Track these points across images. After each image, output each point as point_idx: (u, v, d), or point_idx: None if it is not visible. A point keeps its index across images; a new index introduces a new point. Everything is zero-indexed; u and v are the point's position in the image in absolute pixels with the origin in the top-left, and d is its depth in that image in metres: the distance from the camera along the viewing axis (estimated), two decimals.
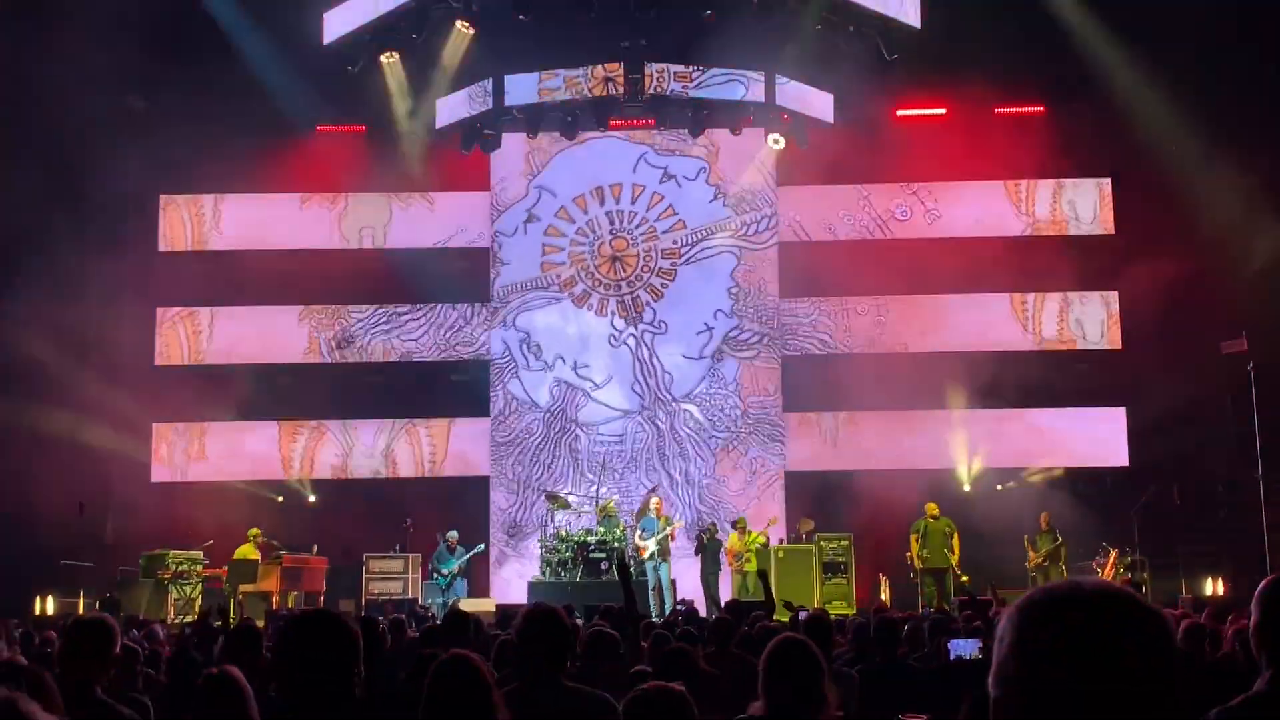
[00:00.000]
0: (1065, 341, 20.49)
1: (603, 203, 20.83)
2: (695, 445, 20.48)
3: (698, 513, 19.91)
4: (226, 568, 17.33)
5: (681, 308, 20.66)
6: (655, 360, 20.63)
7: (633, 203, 20.81)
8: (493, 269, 20.96)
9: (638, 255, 20.74)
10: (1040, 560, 17.49)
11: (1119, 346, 20.23)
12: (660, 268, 20.84)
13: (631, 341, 20.64)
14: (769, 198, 20.85)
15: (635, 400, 20.58)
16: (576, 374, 20.59)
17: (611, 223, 20.80)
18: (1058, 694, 1.55)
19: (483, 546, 19.12)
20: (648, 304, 20.80)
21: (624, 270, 20.81)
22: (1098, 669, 1.55)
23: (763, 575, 11.35)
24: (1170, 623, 1.61)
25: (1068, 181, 20.48)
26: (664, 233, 20.77)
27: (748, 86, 18.43)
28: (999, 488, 19.48)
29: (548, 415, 20.61)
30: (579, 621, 9.86)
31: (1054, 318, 20.49)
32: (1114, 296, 20.33)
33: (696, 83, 18.34)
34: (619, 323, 20.67)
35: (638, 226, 20.79)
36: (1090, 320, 20.49)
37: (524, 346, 20.70)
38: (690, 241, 20.78)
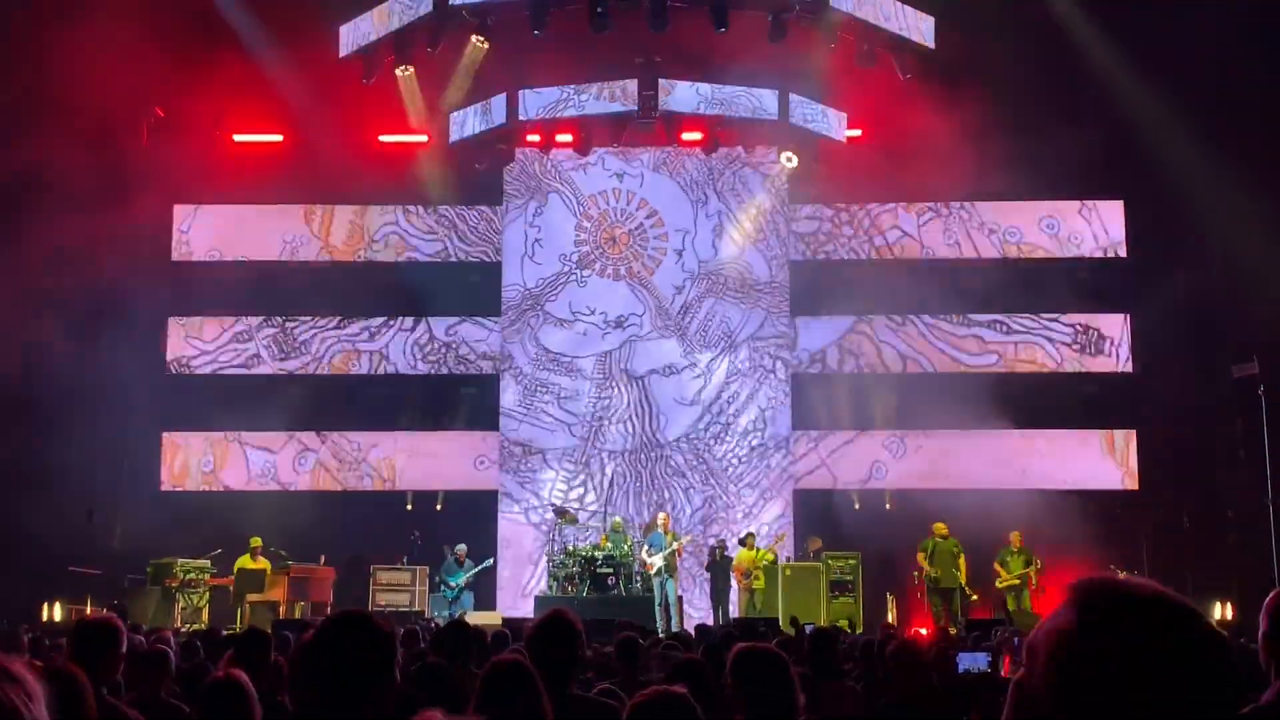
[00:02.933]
0: (1077, 361, 20.49)
1: (611, 224, 20.82)
2: (703, 462, 20.41)
3: (706, 530, 19.89)
4: (233, 576, 17.33)
5: (691, 324, 20.63)
6: (662, 380, 20.62)
7: (646, 219, 20.78)
8: (504, 283, 20.98)
9: (652, 271, 20.70)
10: (1012, 580, 17.44)
11: (1130, 369, 20.23)
12: (674, 283, 20.83)
13: (638, 361, 20.63)
14: (781, 214, 20.86)
15: (642, 420, 20.59)
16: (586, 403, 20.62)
17: (621, 243, 20.76)
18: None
19: (491, 562, 19.08)
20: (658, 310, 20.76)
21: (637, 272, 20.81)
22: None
23: (794, 621, 11.37)
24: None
25: (1082, 203, 20.52)
26: (674, 251, 20.77)
27: (761, 104, 18.46)
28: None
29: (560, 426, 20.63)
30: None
31: (1066, 337, 20.49)
32: (1125, 319, 20.40)
33: (710, 100, 18.38)
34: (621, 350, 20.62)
35: (648, 246, 20.74)
36: (1102, 341, 20.49)
37: (535, 364, 20.70)
38: (702, 268, 20.79)
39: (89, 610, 16.47)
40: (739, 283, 20.74)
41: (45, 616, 16.53)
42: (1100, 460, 20.15)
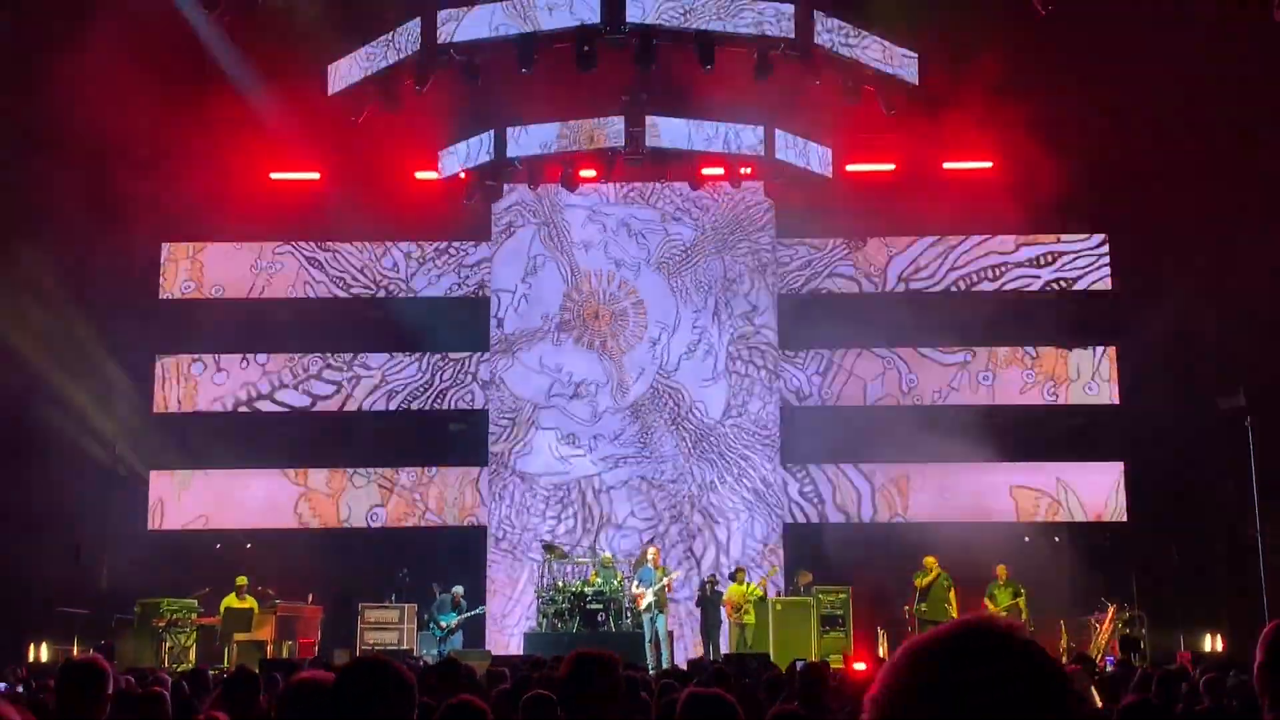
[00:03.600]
0: (1063, 396, 20.54)
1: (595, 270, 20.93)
2: (695, 494, 20.43)
3: (696, 562, 19.90)
4: (220, 616, 17.22)
5: (683, 365, 20.74)
6: (657, 410, 20.67)
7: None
8: (493, 319, 21.05)
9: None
10: (999, 613, 17.15)
11: (1117, 401, 20.28)
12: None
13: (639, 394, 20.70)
14: (769, 247, 20.98)
15: (635, 449, 20.66)
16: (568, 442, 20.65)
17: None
18: None
19: (483, 609, 19.06)
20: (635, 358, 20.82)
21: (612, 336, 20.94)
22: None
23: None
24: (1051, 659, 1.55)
25: (1064, 237, 20.64)
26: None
27: (747, 140, 18.46)
28: (1026, 539, 19.47)
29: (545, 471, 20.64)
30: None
31: (1051, 372, 20.55)
32: (1111, 351, 20.49)
33: (696, 136, 18.37)
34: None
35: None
36: (1088, 375, 20.52)
37: (520, 410, 20.74)
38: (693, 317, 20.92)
39: (76, 651, 16.32)
40: (733, 309, 21.03)
41: (32, 657, 16.36)
42: (1088, 493, 20.16)
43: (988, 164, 19.92)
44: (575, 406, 20.63)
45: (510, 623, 19.96)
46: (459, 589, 18.29)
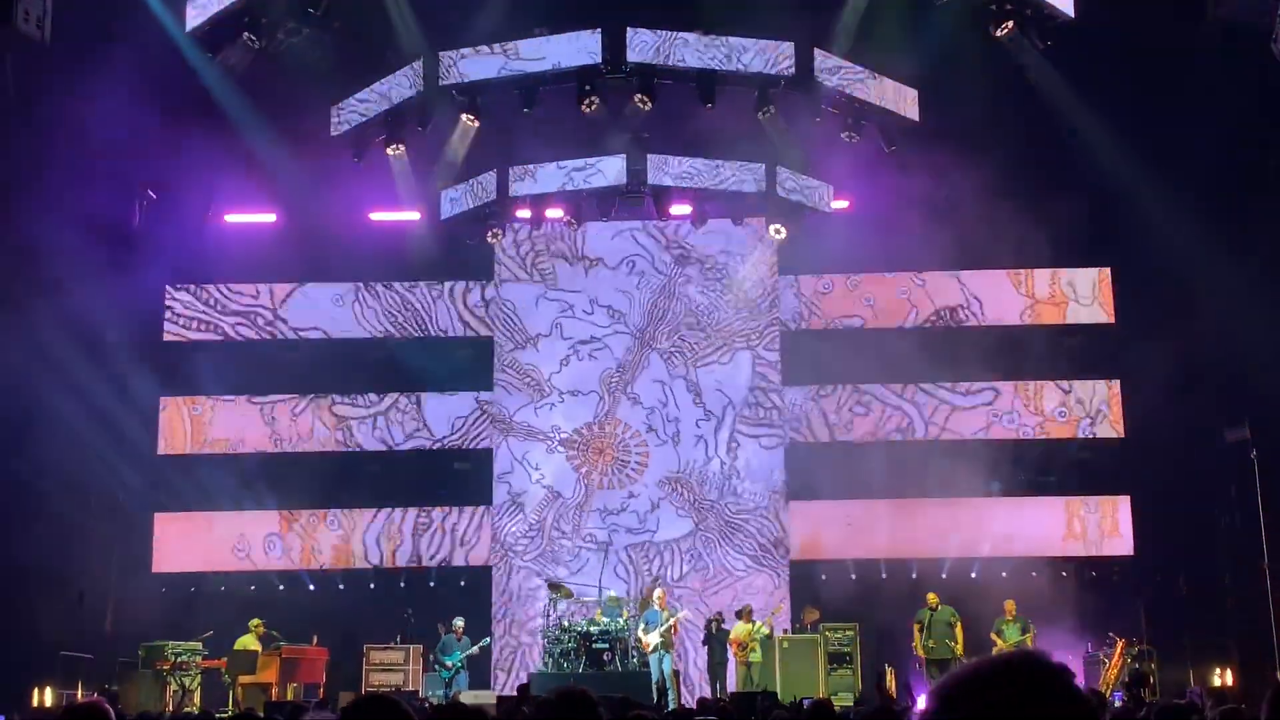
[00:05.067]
0: (1069, 428, 20.46)
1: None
2: (699, 533, 20.42)
3: (702, 601, 19.83)
4: (226, 659, 17.15)
5: (685, 401, 20.75)
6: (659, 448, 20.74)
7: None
8: (496, 357, 21.10)
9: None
10: (1008, 649, 17.21)
11: (1122, 434, 20.22)
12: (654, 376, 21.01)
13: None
14: (770, 286, 21.04)
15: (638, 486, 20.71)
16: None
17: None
18: None
19: (488, 641, 18.96)
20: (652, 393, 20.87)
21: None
22: None
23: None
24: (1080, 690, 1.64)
25: (1066, 271, 20.59)
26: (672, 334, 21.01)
27: (749, 177, 18.45)
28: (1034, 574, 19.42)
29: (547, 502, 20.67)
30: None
31: (1056, 405, 20.47)
32: (1116, 385, 20.41)
33: (698, 174, 18.39)
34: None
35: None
36: (1093, 408, 20.47)
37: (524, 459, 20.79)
38: (702, 347, 21.00)
39: (79, 695, 16.26)
40: (735, 356, 21.05)
41: (36, 701, 16.27)
42: (1095, 527, 20.08)
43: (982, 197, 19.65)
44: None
45: (517, 662, 19.97)
46: (459, 621, 18.23)
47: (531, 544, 20.51)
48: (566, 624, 17.68)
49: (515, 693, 14.92)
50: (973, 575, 19.49)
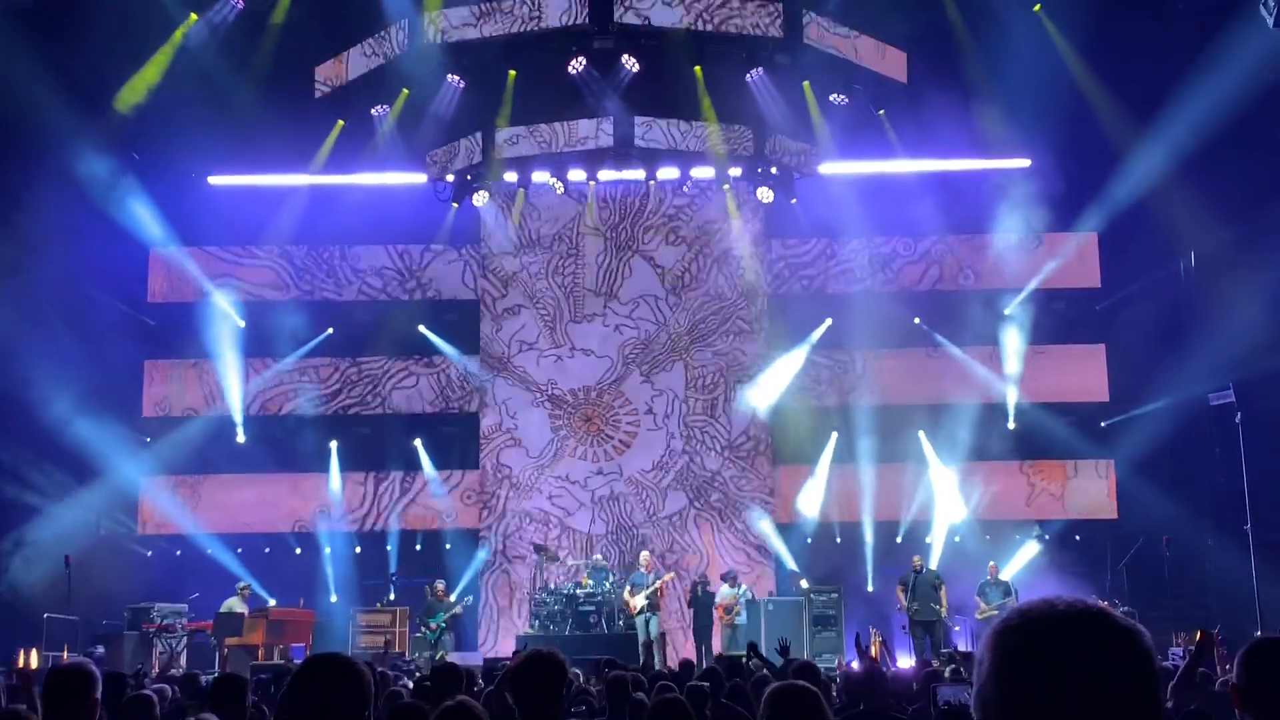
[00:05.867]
0: (1055, 394, 20.33)
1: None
2: (686, 500, 20.43)
3: (688, 567, 19.84)
4: (212, 621, 17.16)
5: (676, 372, 20.70)
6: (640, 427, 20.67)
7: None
8: (483, 322, 20.92)
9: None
10: (992, 611, 17.24)
11: (1106, 399, 20.21)
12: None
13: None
14: (758, 250, 20.93)
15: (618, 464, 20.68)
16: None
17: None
18: (1039, 718, 1.54)
19: (471, 599, 18.89)
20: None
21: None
22: (1079, 692, 1.54)
23: (753, 646, 11.40)
24: (1149, 639, 1.61)
25: (1055, 235, 20.37)
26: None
27: (737, 139, 18.32)
28: (1040, 536, 19.43)
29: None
30: (577, 673, 9.77)
31: (1044, 371, 20.30)
32: (1101, 350, 20.34)
33: (686, 136, 18.23)
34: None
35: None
36: (1077, 374, 20.38)
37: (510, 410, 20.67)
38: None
39: (65, 656, 16.07)
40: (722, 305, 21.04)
41: (21, 663, 16.10)
42: (1079, 489, 20.14)
43: (976, 161, 19.89)
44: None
45: (504, 624, 19.98)
46: (440, 583, 18.17)
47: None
48: (553, 587, 17.76)
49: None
50: (956, 539, 19.55)
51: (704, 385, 20.65)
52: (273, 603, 17.96)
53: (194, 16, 17.55)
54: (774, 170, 18.71)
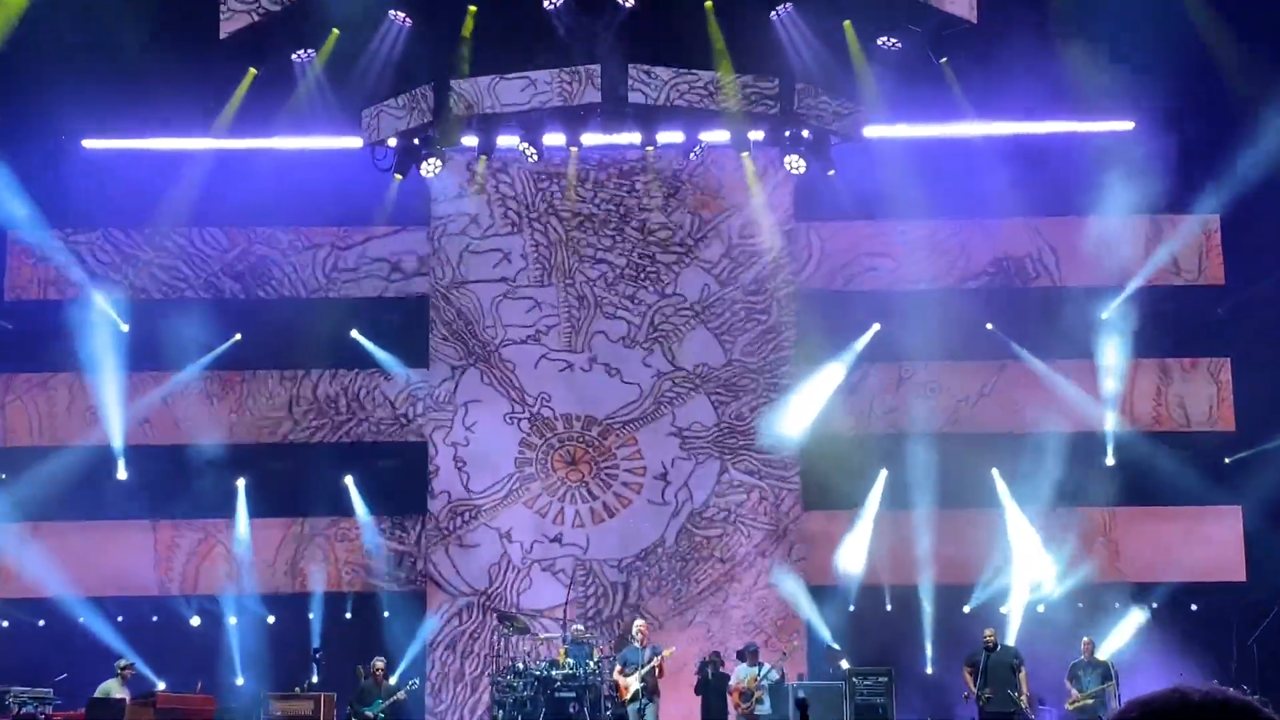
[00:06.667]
0: (1165, 422, 18.64)
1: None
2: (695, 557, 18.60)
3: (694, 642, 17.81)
4: (84, 710, 15.55)
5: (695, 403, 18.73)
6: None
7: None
8: (432, 324, 18.92)
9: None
10: (1086, 700, 15.67)
11: (1231, 428, 18.48)
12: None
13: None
14: (783, 236, 18.93)
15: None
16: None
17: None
18: None
19: (416, 684, 17.20)
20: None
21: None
22: None
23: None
24: None
25: (1164, 219, 18.42)
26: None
27: (759, 94, 16.42)
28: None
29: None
30: None
31: (1148, 393, 18.61)
32: (1225, 364, 18.62)
33: (695, 89, 16.40)
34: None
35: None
36: (1194, 397, 18.61)
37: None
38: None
39: None
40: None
41: None
42: (1197, 544, 18.06)
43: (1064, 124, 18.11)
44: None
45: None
46: (379, 661, 16.59)
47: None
48: (521, 667, 16.18)
49: None
50: (1040, 609, 17.73)
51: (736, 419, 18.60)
52: (162, 686, 16.79)
53: None
54: (806, 134, 16.82)
